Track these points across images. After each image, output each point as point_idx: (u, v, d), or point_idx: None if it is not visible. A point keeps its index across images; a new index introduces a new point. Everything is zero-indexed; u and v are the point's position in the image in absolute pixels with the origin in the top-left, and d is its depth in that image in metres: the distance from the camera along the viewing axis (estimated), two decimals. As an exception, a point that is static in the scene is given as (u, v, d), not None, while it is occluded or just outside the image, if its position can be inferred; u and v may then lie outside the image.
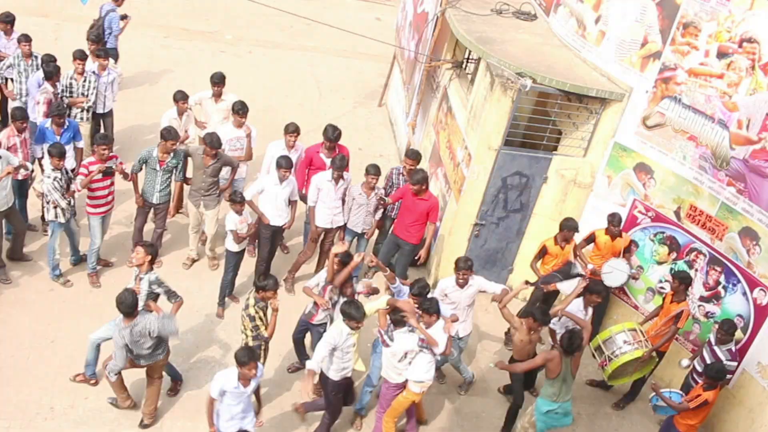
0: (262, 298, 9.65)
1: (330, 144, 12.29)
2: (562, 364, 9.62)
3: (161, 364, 9.75)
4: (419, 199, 11.71)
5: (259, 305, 9.68)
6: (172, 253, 12.77)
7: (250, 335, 9.78)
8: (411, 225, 11.92)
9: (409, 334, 9.55)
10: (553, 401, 9.84)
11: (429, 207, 11.81)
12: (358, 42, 20.14)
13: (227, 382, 8.74)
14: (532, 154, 12.19)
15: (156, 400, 10.01)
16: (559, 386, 9.75)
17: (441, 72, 14.54)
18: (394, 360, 9.65)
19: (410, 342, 9.54)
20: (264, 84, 18.27)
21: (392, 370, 9.75)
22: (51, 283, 11.79)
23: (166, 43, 19.20)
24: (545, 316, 10.28)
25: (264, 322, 9.77)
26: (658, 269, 11.91)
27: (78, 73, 13.04)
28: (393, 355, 9.62)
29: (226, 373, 8.83)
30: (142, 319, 9.18)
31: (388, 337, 9.59)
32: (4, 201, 11.11)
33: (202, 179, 11.89)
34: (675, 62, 11.10)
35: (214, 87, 13.06)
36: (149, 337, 9.23)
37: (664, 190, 11.61)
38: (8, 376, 10.31)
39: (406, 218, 11.93)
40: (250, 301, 9.68)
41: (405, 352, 9.56)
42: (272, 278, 9.64)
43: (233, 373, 8.74)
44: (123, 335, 9.11)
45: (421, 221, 11.90)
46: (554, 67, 11.95)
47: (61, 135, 11.94)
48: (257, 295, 9.64)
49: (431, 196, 11.88)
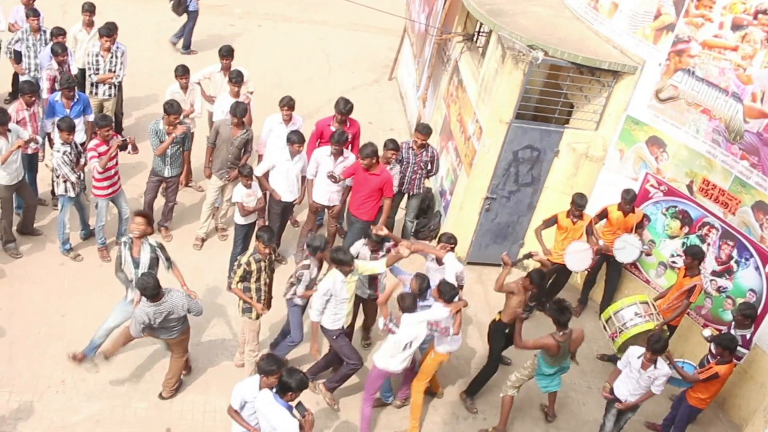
0: (260, 252, 9.70)
1: (341, 117, 12.22)
2: (560, 348, 9.73)
3: (182, 339, 9.67)
4: (371, 175, 11.41)
5: (254, 257, 9.71)
6: (182, 227, 12.76)
7: (236, 281, 9.84)
8: (364, 201, 11.62)
9: (417, 323, 9.47)
10: (552, 365, 9.99)
11: (382, 182, 11.49)
12: (368, 15, 19.99)
13: (247, 394, 8.23)
14: (543, 128, 12.11)
15: (177, 374, 9.99)
16: (557, 358, 9.91)
17: (452, 45, 14.44)
18: (398, 348, 9.53)
19: (419, 329, 9.49)
20: (273, 58, 18.19)
21: (395, 359, 9.62)
22: (61, 257, 11.80)
23: (175, 18, 19.08)
24: (542, 280, 10.38)
25: (255, 277, 9.78)
26: (670, 243, 11.85)
27: (104, 49, 12.99)
28: (397, 343, 9.49)
29: (247, 383, 8.32)
30: (169, 298, 9.15)
31: (393, 325, 9.51)
32: (14, 175, 11.11)
33: (229, 151, 11.87)
34: (689, 34, 10.98)
35: (223, 60, 13.04)
36: (178, 315, 9.25)
37: (676, 163, 11.52)
38: (20, 349, 10.35)
39: (359, 194, 11.64)
40: (249, 251, 9.79)
41: (411, 341, 9.50)
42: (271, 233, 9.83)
43: (255, 383, 8.21)
44: (147, 313, 9.04)
45: (375, 197, 11.61)
46: (566, 40, 11.85)
47: (71, 109, 11.92)
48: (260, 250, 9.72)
49: (383, 171, 11.57)
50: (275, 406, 7.82)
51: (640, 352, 9.71)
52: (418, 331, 9.48)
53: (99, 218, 11.64)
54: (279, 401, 7.81)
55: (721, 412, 11.48)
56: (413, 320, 9.42)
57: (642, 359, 9.64)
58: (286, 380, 7.74)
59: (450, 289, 9.57)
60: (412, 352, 9.66)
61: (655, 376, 9.64)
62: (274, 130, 12.27)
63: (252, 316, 10.00)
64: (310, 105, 16.03)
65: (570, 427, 10.95)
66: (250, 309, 9.96)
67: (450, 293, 9.55)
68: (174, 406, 10.09)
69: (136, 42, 15.55)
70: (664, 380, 9.72)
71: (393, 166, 11.92)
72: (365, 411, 9.99)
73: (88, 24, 13.66)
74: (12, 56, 13.48)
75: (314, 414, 8.15)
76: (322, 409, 10.32)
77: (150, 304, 9.05)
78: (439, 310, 9.58)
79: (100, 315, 10.73)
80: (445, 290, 9.56)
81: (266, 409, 7.89)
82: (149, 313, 9.07)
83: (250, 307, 9.95)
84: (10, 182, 11.11)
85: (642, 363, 9.65)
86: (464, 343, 11.78)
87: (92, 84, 13.14)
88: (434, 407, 10.75)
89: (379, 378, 9.89)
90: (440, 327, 9.67)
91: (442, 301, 9.56)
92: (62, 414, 9.69)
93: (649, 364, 9.60)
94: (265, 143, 12.42)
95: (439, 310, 9.58)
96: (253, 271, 9.76)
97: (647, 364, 9.61)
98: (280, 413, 7.78)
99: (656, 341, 9.51)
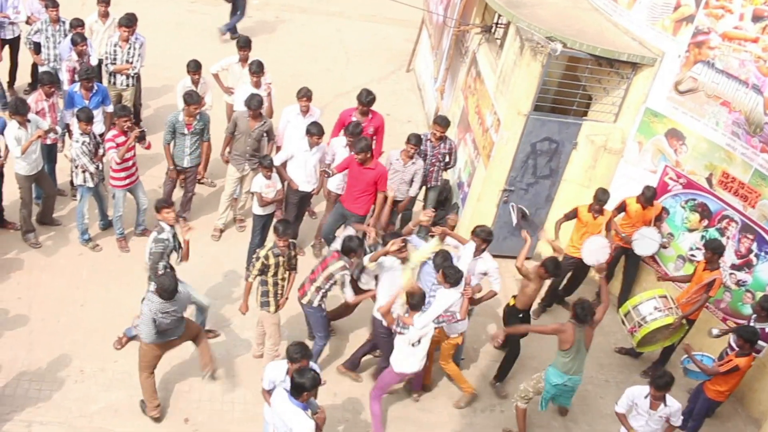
0: (278, 246, 9.67)
1: (363, 108, 12.20)
2: (575, 335, 9.53)
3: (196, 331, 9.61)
4: (366, 169, 11.32)
5: (273, 251, 9.68)
6: (201, 218, 12.79)
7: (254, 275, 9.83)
8: (359, 196, 11.53)
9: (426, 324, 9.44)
10: (563, 373, 9.72)
11: (376, 176, 11.39)
12: (385, 6, 19.98)
13: (277, 375, 8.31)
14: (561, 120, 12.07)
15: (208, 352, 9.75)
16: (572, 358, 9.62)
17: (470, 36, 14.40)
18: (409, 346, 9.47)
19: (426, 329, 9.45)
20: (291, 49, 18.20)
21: (411, 358, 9.56)
22: (80, 247, 11.86)
23: (193, 8, 19.16)
24: (557, 268, 10.34)
25: (273, 272, 9.76)
26: (689, 236, 11.78)
27: (123, 39, 13.02)
28: (408, 342, 9.43)
29: (276, 365, 8.40)
30: (183, 288, 9.12)
31: (401, 327, 9.44)
32: (33, 165, 11.16)
33: (247, 143, 11.89)
34: (708, 26, 10.90)
35: (241, 52, 13.06)
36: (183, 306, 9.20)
37: (696, 156, 11.46)
38: (39, 338, 10.41)
39: (354, 189, 11.51)
40: (268, 245, 9.75)
41: (419, 338, 9.44)
42: (287, 224, 9.77)
43: (283, 366, 8.28)
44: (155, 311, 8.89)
45: (370, 192, 11.52)
46: (585, 31, 11.80)
47: (90, 99, 11.96)
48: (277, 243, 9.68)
49: (378, 165, 11.50)
50: (290, 406, 7.78)
51: (645, 392, 9.09)
52: (425, 330, 9.44)
53: (116, 209, 11.68)
54: (294, 402, 7.76)
55: (740, 407, 11.42)
56: (424, 322, 9.33)
57: (649, 399, 9.08)
58: (299, 381, 7.66)
59: (454, 273, 9.51)
60: (423, 348, 9.56)
61: (668, 413, 9.14)
62: (292, 121, 12.28)
63: (270, 310, 9.99)
64: (327, 96, 16.02)
65: (587, 420, 10.92)
66: (269, 303, 9.96)
67: (454, 276, 9.49)
68: (192, 396, 10.13)
69: (153, 33, 15.54)
70: (680, 413, 9.24)
71: (416, 160, 11.89)
72: (374, 408, 9.97)
73: (104, 15, 13.69)
74: (31, 47, 13.53)
75: (329, 408, 8.15)
76: (337, 403, 10.36)
77: (161, 301, 8.84)
78: (445, 295, 9.54)
79: (119, 305, 10.85)
80: (449, 273, 9.50)
81: (281, 409, 7.86)
82: (157, 311, 8.87)
83: (268, 301, 9.95)
84: (29, 172, 11.17)
85: (650, 403, 9.10)
86: (481, 333, 11.79)
87: (110, 74, 13.18)
88: (452, 398, 10.75)
89: (394, 380, 9.88)
90: (446, 316, 9.64)
91: (446, 285, 9.52)
92: (81, 403, 9.74)
93: (658, 402, 9.14)
94: (283, 135, 12.42)
95: (445, 295, 9.54)
96: (271, 265, 9.75)
97: (656, 403, 9.08)
98: (296, 414, 7.75)
99: (660, 377, 8.96)
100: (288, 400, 7.79)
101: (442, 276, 9.57)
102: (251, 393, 10.07)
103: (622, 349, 12.04)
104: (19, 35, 14.16)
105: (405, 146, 11.70)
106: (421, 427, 10.38)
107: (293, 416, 7.74)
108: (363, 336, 11.19)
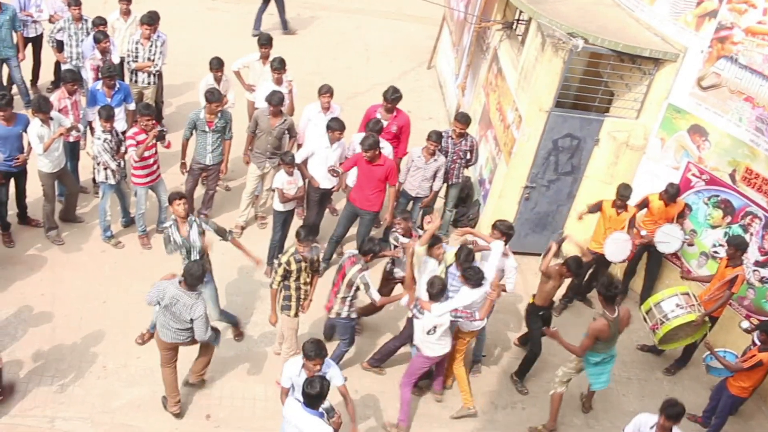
0: (299, 251, 9.57)
1: (387, 105, 12.19)
2: (611, 328, 9.53)
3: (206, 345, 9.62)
4: (375, 166, 11.29)
5: (295, 257, 9.58)
6: (222, 215, 12.83)
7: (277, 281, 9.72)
8: (371, 194, 11.52)
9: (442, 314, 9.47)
10: (600, 352, 9.80)
11: (386, 171, 11.39)
12: (405, 3, 20.04)
13: (293, 371, 8.36)
14: (583, 116, 12.02)
15: (204, 365, 9.91)
16: (607, 343, 9.73)
17: (491, 33, 14.37)
18: (423, 332, 9.56)
19: (442, 318, 9.48)
20: (311, 47, 18.22)
21: (432, 345, 9.66)
22: (103, 244, 11.93)
23: (214, 6, 19.22)
24: (579, 268, 10.29)
25: (295, 277, 9.68)
26: (712, 233, 11.70)
27: (144, 37, 13.07)
28: (423, 329, 9.52)
29: (294, 362, 8.42)
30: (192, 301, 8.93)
31: (418, 311, 9.52)
32: (56, 162, 11.24)
33: (268, 141, 11.92)
34: (732, 21, 10.82)
35: (262, 49, 13.08)
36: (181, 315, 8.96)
37: (719, 152, 11.37)
38: (62, 334, 10.48)
39: (365, 187, 11.50)
40: (289, 250, 9.64)
41: (434, 326, 9.48)
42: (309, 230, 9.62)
43: (300, 362, 8.29)
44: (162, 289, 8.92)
45: (380, 188, 11.52)
46: (606, 27, 11.74)
47: (112, 97, 12.02)
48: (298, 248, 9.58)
49: (386, 160, 11.46)
50: (307, 416, 7.75)
51: (651, 422, 8.41)
52: (441, 318, 9.48)
53: (138, 206, 11.74)
54: (309, 411, 7.74)
55: (763, 405, 11.33)
56: (440, 311, 9.40)
57: (655, 429, 8.37)
58: (310, 392, 7.63)
59: (474, 273, 9.55)
60: (438, 337, 9.60)
61: None
62: (313, 119, 12.27)
63: (290, 314, 9.90)
64: (347, 93, 16.02)
65: (609, 418, 10.87)
66: (289, 307, 9.87)
67: (475, 277, 9.53)
68: (213, 393, 10.17)
69: (175, 31, 15.59)
70: None
71: (437, 157, 11.87)
72: (405, 395, 10.00)
73: (125, 12, 13.76)
74: (54, 45, 13.61)
75: (354, 401, 8.19)
76: (358, 400, 10.35)
77: (177, 286, 8.85)
78: (466, 294, 9.59)
79: (141, 301, 10.81)
80: (470, 275, 9.55)
81: (296, 419, 7.83)
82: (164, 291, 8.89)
83: (290, 305, 9.86)
84: (52, 170, 11.24)
85: None
86: (502, 331, 11.77)
87: (132, 72, 13.25)
88: (473, 396, 10.71)
89: (424, 364, 9.92)
90: (465, 312, 9.64)
91: (468, 285, 9.57)
92: (103, 398, 9.80)
93: None
94: (304, 132, 12.41)
95: (466, 294, 9.59)
96: (293, 270, 9.65)
97: None
98: (313, 423, 7.74)
99: (672, 405, 8.22)
100: (303, 410, 7.78)
101: (463, 276, 9.61)
102: (272, 389, 10.08)
103: (645, 347, 11.99)
104: (42, 33, 14.27)
105: (426, 143, 11.69)
106: (443, 423, 10.38)
107: (311, 425, 7.74)
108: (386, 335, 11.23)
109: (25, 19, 13.77)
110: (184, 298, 8.82)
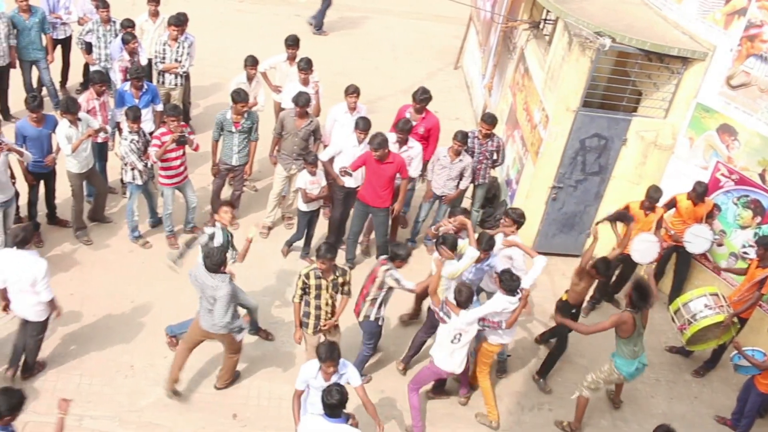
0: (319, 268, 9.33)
1: (417, 105, 12.19)
2: (635, 321, 9.50)
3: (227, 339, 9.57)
4: (384, 164, 11.22)
5: (315, 272, 9.34)
6: (249, 215, 12.87)
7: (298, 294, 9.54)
8: (382, 192, 11.48)
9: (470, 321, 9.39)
10: (631, 359, 9.73)
11: (397, 168, 11.34)
12: (432, 4, 20.01)
13: (309, 374, 8.42)
14: (611, 116, 11.94)
15: (230, 371, 10.01)
16: (635, 342, 9.66)
17: (518, 33, 14.32)
18: (448, 339, 9.44)
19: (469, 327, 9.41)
20: (338, 47, 18.25)
21: (450, 358, 9.56)
22: (130, 244, 12.01)
23: (241, 7, 19.30)
24: (608, 269, 10.27)
25: (315, 294, 9.43)
26: (742, 234, 11.58)
27: (172, 39, 13.15)
28: (448, 335, 9.41)
29: (310, 364, 8.47)
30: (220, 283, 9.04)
31: (444, 314, 9.43)
32: (85, 163, 11.32)
33: (294, 143, 11.94)
34: (762, 19, 10.70)
35: (289, 50, 13.11)
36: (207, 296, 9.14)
37: (748, 152, 11.25)
38: (90, 334, 10.56)
39: (376, 185, 11.42)
40: (313, 265, 9.46)
41: (459, 333, 9.38)
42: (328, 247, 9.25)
43: (316, 364, 8.36)
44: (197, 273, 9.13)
45: (390, 185, 11.48)
46: (634, 26, 11.66)
47: (140, 98, 12.10)
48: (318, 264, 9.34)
49: (396, 157, 11.36)
50: (332, 427, 7.76)
51: None
52: (468, 326, 9.39)
53: (165, 206, 11.80)
54: (333, 420, 7.76)
55: (793, 406, 11.22)
56: (468, 318, 9.29)
57: None
58: (330, 402, 7.65)
59: (509, 278, 9.47)
60: (461, 347, 9.50)
61: None
62: (339, 119, 12.29)
63: (309, 331, 9.70)
64: (374, 93, 16.03)
65: (637, 420, 10.79)
66: (307, 324, 9.66)
67: (509, 283, 9.44)
68: (240, 392, 10.19)
69: (202, 32, 15.68)
70: None
71: (463, 157, 11.84)
72: (413, 401, 9.93)
73: (154, 14, 13.85)
74: (83, 47, 13.73)
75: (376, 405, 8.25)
76: (383, 400, 10.36)
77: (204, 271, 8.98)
78: (499, 298, 9.52)
79: (168, 301, 10.96)
80: (505, 278, 9.49)
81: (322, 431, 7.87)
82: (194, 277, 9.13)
83: (308, 323, 9.65)
84: (80, 170, 11.33)
85: None
86: (528, 331, 11.72)
87: (159, 73, 13.33)
88: (499, 397, 10.67)
89: (432, 375, 9.88)
90: (491, 321, 9.62)
91: (502, 290, 9.51)
92: (131, 397, 9.86)
93: None
94: (330, 133, 12.42)
95: (499, 298, 9.52)
96: (312, 285, 9.37)
97: None
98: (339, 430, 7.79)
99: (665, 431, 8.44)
100: (326, 422, 7.79)
101: (498, 279, 9.57)
102: (298, 390, 10.11)
103: (673, 348, 11.89)
104: (71, 35, 14.40)
105: (452, 143, 11.67)
106: (470, 424, 10.35)
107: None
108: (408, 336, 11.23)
109: (54, 22, 13.89)
110: (209, 280, 8.97)
